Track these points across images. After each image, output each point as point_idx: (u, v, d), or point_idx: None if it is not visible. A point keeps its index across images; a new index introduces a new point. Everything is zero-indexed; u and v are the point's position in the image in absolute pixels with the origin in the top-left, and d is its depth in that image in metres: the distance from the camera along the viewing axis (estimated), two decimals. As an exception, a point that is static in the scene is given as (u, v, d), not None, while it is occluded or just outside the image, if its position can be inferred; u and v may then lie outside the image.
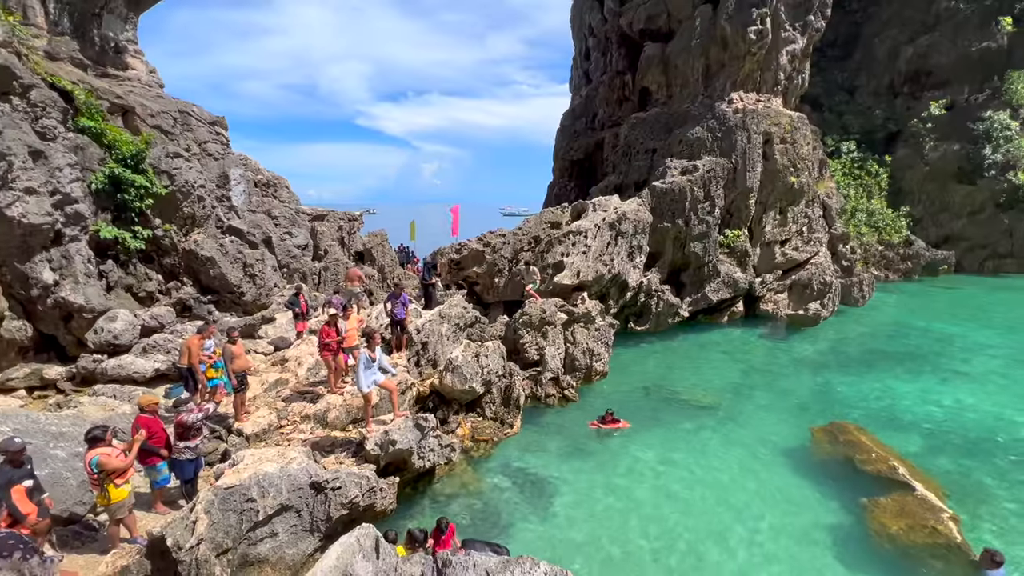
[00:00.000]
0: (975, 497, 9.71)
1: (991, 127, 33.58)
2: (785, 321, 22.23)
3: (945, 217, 36.09)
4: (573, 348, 14.99)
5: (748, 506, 9.47)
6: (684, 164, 21.74)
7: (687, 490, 10.00)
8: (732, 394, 14.79)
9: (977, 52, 34.81)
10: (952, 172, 35.09)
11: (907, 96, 38.30)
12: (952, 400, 14.24)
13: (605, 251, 17.53)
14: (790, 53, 23.98)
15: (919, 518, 8.25)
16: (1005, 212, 34.41)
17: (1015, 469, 10.72)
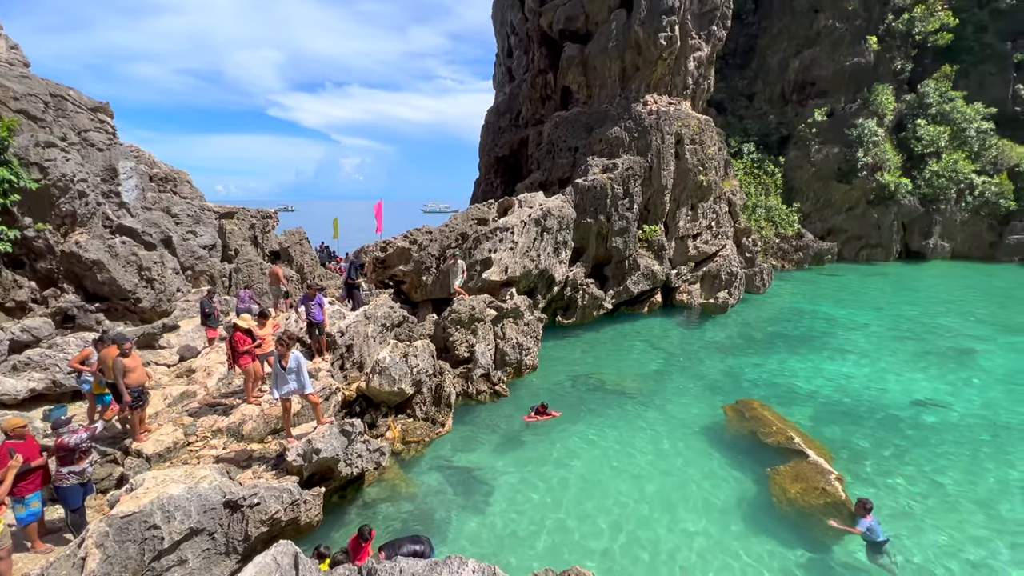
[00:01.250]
0: (854, 457, 11.05)
1: (862, 133, 38.22)
2: (698, 310, 23.89)
3: (828, 212, 40.58)
4: (503, 343, 15.12)
5: (671, 483, 10.09)
6: (604, 162, 22.62)
7: (616, 473, 10.46)
8: (653, 379, 15.66)
9: (850, 66, 39.41)
10: (833, 172, 39.52)
11: (796, 104, 42.52)
12: (837, 374, 16.09)
13: (532, 247, 17.83)
14: (697, 60, 25.71)
15: (812, 481, 9.24)
16: (874, 207, 39.37)
17: (883, 429, 12.33)
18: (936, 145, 39.09)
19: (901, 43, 39.60)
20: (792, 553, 8.16)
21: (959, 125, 39.14)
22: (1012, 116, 40.36)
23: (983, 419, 12.90)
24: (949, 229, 40.20)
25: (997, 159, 39.38)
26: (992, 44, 40.41)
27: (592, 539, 8.50)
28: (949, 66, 40.43)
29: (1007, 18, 40.46)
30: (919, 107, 40.03)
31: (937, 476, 10.37)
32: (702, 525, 8.85)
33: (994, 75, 40.35)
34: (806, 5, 40.93)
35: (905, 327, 21.39)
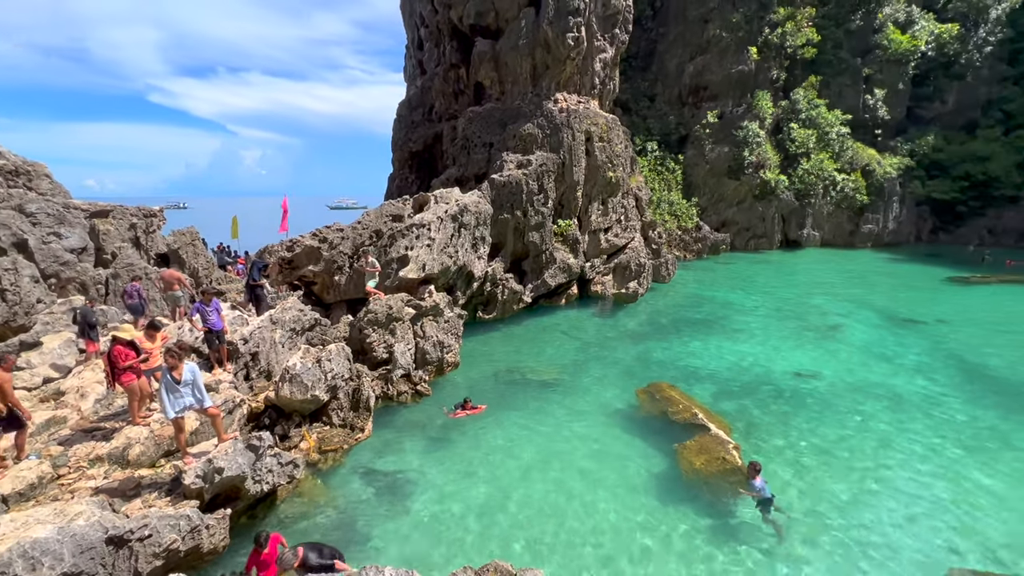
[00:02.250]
0: (748, 427, 12.27)
1: (747, 134, 42.32)
2: (612, 300, 25.14)
3: (722, 206, 44.50)
4: (423, 342, 14.85)
5: (590, 467, 10.54)
6: (519, 158, 22.95)
7: (539, 462, 10.71)
8: (572, 368, 16.24)
9: (735, 73, 43.39)
10: (724, 170, 43.38)
11: (691, 106, 46.02)
12: (733, 353, 17.74)
13: (449, 243, 17.67)
14: (602, 61, 26.88)
15: (714, 452, 10.14)
16: (759, 202, 43.83)
17: (770, 399, 13.83)
18: (806, 146, 44.30)
19: (776, 54, 44.29)
20: (699, 517, 8.90)
21: (823, 129, 44.66)
22: (863, 122, 46.85)
23: (847, 384, 14.91)
24: (818, 220, 45.82)
25: (853, 159, 45.52)
26: (846, 59, 46.53)
27: (518, 528, 8.65)
28: (814, 77, 45.92)
29: (856, 37, 46.79)
30: (792, 112, 45.08)
31: (812, 436, 11.82)
32: (620, 503, 9.35)
33: (849, 86, 46.52)
34: (697, 16, 44.33)
35: (786, 308, 24.09)
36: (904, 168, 47.14)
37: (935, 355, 17.40)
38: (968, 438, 11.78)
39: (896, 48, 45.88)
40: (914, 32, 46.56)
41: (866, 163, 45.67)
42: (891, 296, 26.71)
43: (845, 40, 46.58)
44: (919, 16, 47.46)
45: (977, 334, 19.70)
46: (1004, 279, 30.27)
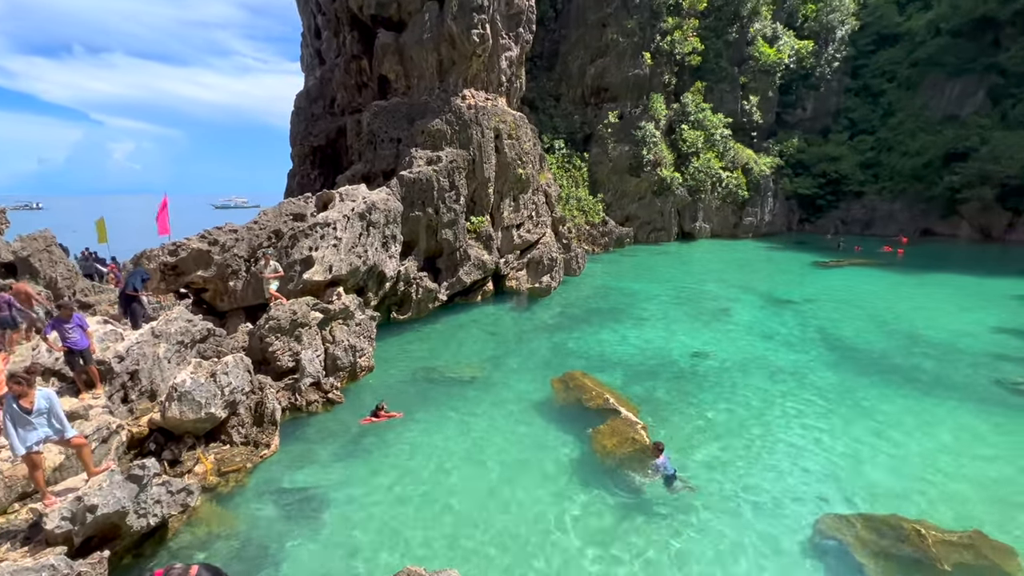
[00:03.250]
0: (654, 406, 13.18)
1: (645, 134, 45.26)
2: (526, 294, 25.67)
3: (625, 201, 47.20)
4: (333, 347, 14.11)
5: (510, 460, 10.69)
6: (429, 155, 22.57)
7: (459, 461, 10.66)
8: (490, 364, 16.35)
9: (632, 76, 46.14)
10: (626, 167, 46.03)
11: (594, 106, 48.19)
12: (639, 339, 18.93)
13: (358, 242, 16.93)
14: (508, 59, 27.23)
15: (624, 434, 10.75)
16: (657, 197, 47.10)
17: (673, 379, 14.97)
18: (696, 146, 48.35)
19: (667, 60, 47.77)
20: (612, 497, 9.40)
21: (709, 131, 49.02)
22: (741, 125, 52.12)
23: (736, 360, 16.56)
24: (708, 214, 50.27)
25: (735, 158, 50.51)
26: (726, 68, 51.43)
27: (440, 530, 8.55)
28: (700, 83, 50.22)
29: (734, 48, 51.88)
30: (683, 115, 48.94)
31: (709, 409, 12.98)
32: (539, 492, 9.59)
33: (728, 92, 51.47)
34: (596, 20, 46.45)
35: (683, 295, 26.17)
36: (776, 167, 53.21)
37: (805, 330, 19.89)
38: (831, 399, 13.63)
39: (765, 60, 51.55)
40: (779, 46, 52.61)
41: (745, 162, 50.90)
42: (769, 280, 30.08)
43: (724, 50, 51.43)
44: (782, 32, 53.70)
45: (835, 310, 22.82)
46: (854, 263, 35.37)
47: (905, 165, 50.14)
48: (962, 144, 46.86)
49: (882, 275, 31.14)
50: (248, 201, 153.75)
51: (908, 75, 53.17)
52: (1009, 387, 14.24)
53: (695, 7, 48.09)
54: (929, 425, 12.14)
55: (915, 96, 52.44)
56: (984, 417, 12.49)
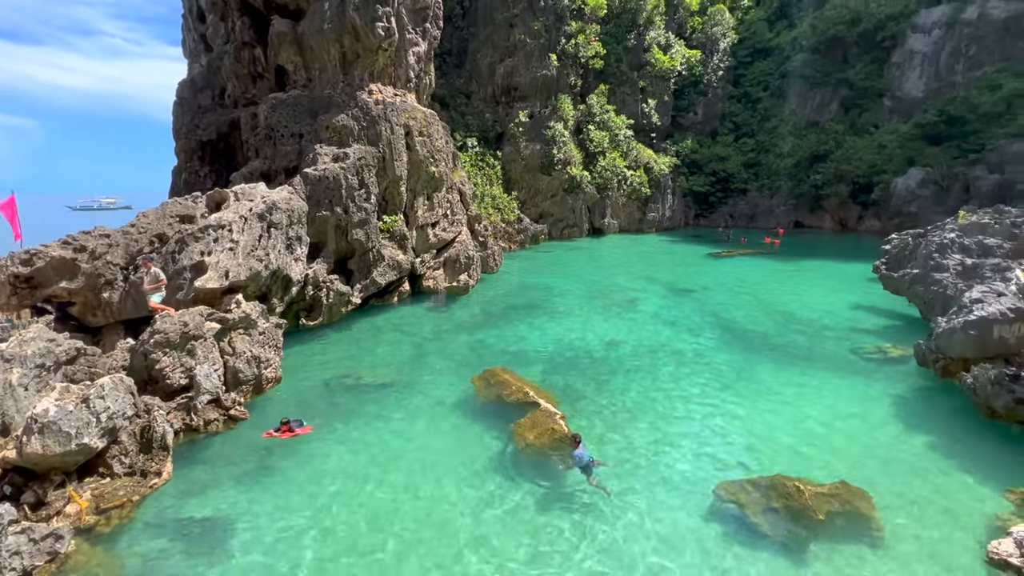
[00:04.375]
0: (572, 397, 13.69)
1: (554, 134, 46.67)
2: (444, 293, 25.42)
3: (538, 199, 48.37)
4: (234, 360, 12.99)
5: (432, 462, 10.54)
6: (335, 151, 21.50)
7: (379, 470, 10.31)
8: (409, 366, 16.00)
9: (541, 77, 47.32)
10: (538, 165, 47.17)
11: (505, 105, 48.77)
12: (555, 332, 19.52)
13: (258, 245, 15.70)
14: (416, 54, 26.68)
15: (544, 425, 11.05)
16: (569, 195, 48.83)
17: (589, 369, 15.65)
18: (602, 146, 50.77)
19: (572, 63, 49.59)
20: (535, 489, 9.63)
21: (614, 132, 51.71)
22: (642, 127, 55.58)
23: (645, 347, 17.69)
24: (615, 210, 53.05)
25: (637, 158, 53.77)
26: (626, 72, 54.52)
27: (363, 543, 8.23)
28: (604, 85, 52.77)
29: (633, 54, 55.13)
30: (589, 116, 51.13)
31: (622, 395, 13.74)
32: (463, 491, 9.57)
33: (629, 95, 54.63)
34: (503, 19, 46.99)
35: (596, 288, 27.42)
36: (673, 166, 57.43)
37: (702, 316, 21.73)
38: (727, 377, 15.03)
39: (660, 66, 55.38)
40: (672, 54, 56.78)
41: (647, 162, 54.38)
42: (671, 271, 32.45)
43: (624, 56, 54.47)
44: (675, 41, 58.03)
45: (727, 296, 25.19)
46: (742, 253, 39.26)
47: (779, 165, 56.48)
48: (822, 147, 53.80)
49: (764, 263, 34.89)
50: (120, 201, 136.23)
51: (779, 85, 59.91)
52: (863, 356, 16.64)
53: (596, 13, 50.39)
54: (804, 394, 13.83)
55: (785, 104, 59.24)
56: (846, 383, 14.48)
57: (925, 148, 47.52)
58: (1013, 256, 18.17)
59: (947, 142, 46.59)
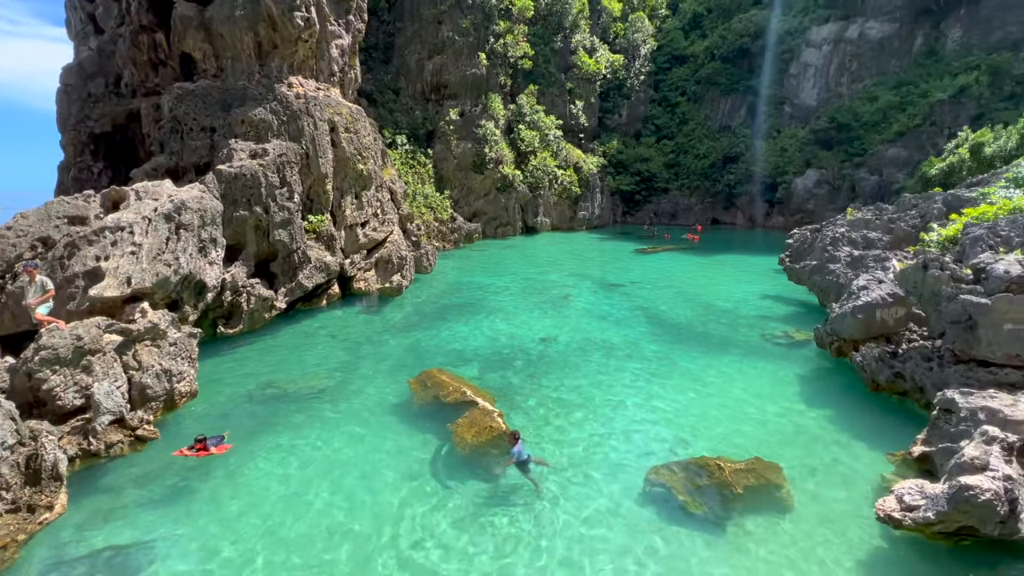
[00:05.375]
0: (509, 394, 13.82)
1: (486, 133, 46.75)
2: (377, 295, 24.69)
3: (472, 198, 48.25)
4: (140, 375, 11.82)
5: (368, 470, 10.21)
6: (253, 147, 20.17)
7: (313, 481, 9.83)
8: (341, 372, 15.38)
9: (470, 75, 47.20)
10: (470, 164, 47.04)
11: (435, 102, 48.14)
12: (491, 330, 19.60)
13: (165, 248, 14.37)
14: (339, 47, 25.63)
15: (482, 423, 11.07)
16: (502, 193, 49.15)
17: (524, 365, 15.87)
18: (533, 145, 51.55)
19: (502, 62, 49.90)
20: (475, 487, 9.63)
21: (544, 132, 52.69)
22: (571, 127, 57.11)
23: (578, 341, 18.22)
24: (547, 208, 54.12)
25: (567, 158, 55.16)
26: (554, 73, 55.73)
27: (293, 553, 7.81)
28: (533, 86, 53.59)
29: (560, 56, 56.45)
30: (519, 115, 51.71)
31: (557, 389, 14.07)
32: (401, 496, 9.37)
33: (558, 96, 55.90)
34: (431, 16, 46.32)
35: (530, 285, 27.83)
36: (601, 166, 59.54)
37: (631, 309, 22.74)
38: (655, 366, 15.85)
39: (586, 69, 57.17)
40: (597, 58, 58.78)
41: (576, 161, 55.95)
42: (601, 267, 33.65)
43: (552, 57, 55.63)
44: (599, 45, 60.10)
45: (653, 290, 26.54)
46: (666, 249, 41.53)
47: (696, 166, 60.31)
48: (733, 150, 58.15)
49: (685, 258, 37.13)
50: None
51: (694, 91, 63.92)
52: (772, 341, 18.20)
53: (524, 14, 51.03)
54: (724, 378, 14.89)
55: (700, 108, 63.34)
56: (758, 366, 15.77)
57: (819, 152, 52.82)
58: (891, 247, 20.67)
59: (837, 147, 52.08)
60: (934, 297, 12.70)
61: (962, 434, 9.04)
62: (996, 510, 7.31)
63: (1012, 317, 10.77)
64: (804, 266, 22.52)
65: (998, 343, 10.94)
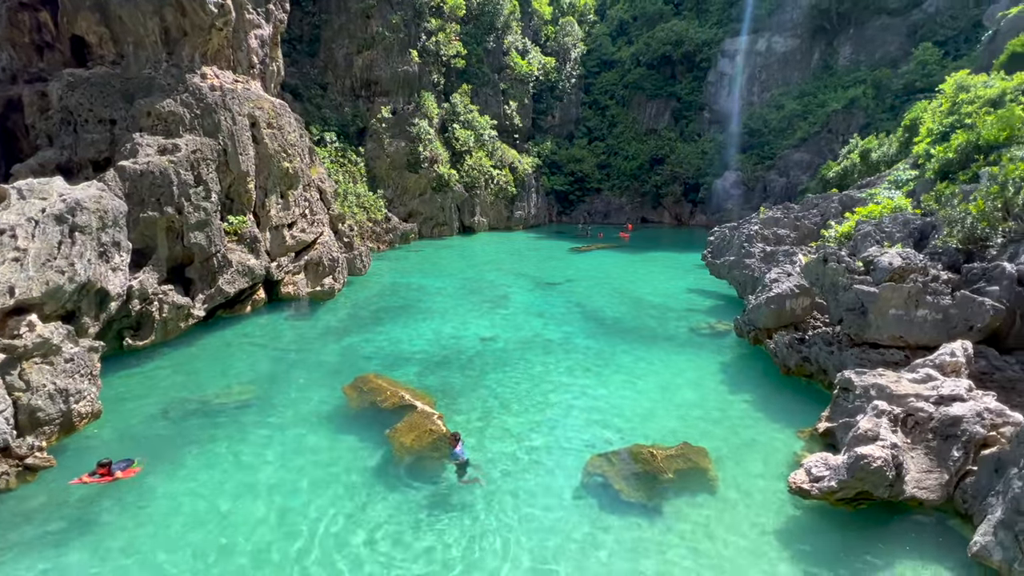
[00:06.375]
0: (449, 395, 13.70)
1: (419, 131, 45.97)
2: (307, 299, 23.56)
3: (407, 197, 47.27)
4: (29, 396, 10.50)
5: (301, 483, 9.73)
6: (162, 142, 18.56)
7: (241, 500, 9.21)
8: (269, 381, 14.53)
9: (402, 73, 46.20)
10: (404, 163, 46.05)
11: (366, 99, 46.64)
12: (430, 332, 19.32)
13: (57, 253, 12.84)
14: (259, 38, 24.16)
15: (422, 427, 10.90)
16: (437, 193, 48.56)
17: (464, 367, 15.81)
18: (468, 145, 51.37)
19: (434, 60, 49.27)
20: (415, 492, 9.46)
21: (478, 131, 52.65)
22: (505, 127, 57.50)
23: (517, 340, 18.40)
24: (484, 208, 54.17)
25: (502, 158, 55.49)
26: (488, 73, 55.85)
27: (218, 585, 7.29)
28: (466, 85, 53.39)
29: (493, 56, 56.66)
30: (453, 115, 51.31)
31: (497, 388, 14.15)
32: (339, 508, 9.02)
33: (492, 96, 56.09)
34: (359, 9, 44.80)
35: (468, 285, 27.74)
36: (536, 166, 60.46)
37: (568, 307, 23.30)
38: (591, 361, 16.35)
39: (519, 70, 57.81)
40: (529, 59, 59.60)
41: (511, 161, 56.42)
42: (538, 266, 34.20)
43: (485, 57, 55.72)
44: (531, 47, 60.97)
45: (588, 287, 27.35)
46: (600, 247, 42.94)
47: (626, 167, 62.84)
48: (660, 152, 61.21)
49: (618, 256, 38.61)
50: None
51: (623, 95, 66.55)
52: (698, 332, 19.37)
53: (456, 12, 50.69)
54: (655, 369, 15.65)
55: (628, 112, 66.06)
56: (685, 356, 16.72)
57: (736, 155, 56.83)
58: (798, 243, 22.66)
59: (750, 151, 56.31)
60: (833, 287, 14.08)
61: (858, 409, 10.10)
62: (886, 475, 8.23)
63: (895, 303, 12.18)
64: (724, 262, 24.16)
65: (884, 326, 12.32)
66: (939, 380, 10.04)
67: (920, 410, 9.42)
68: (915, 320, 12.00)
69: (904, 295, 12.07)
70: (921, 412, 9.39)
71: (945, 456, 8.82)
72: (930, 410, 9.36)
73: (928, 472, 8.78)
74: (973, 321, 11.46)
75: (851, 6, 52.22)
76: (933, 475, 8.72)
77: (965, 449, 8.69)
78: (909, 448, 9.10)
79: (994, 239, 13.87)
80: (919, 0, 50.03)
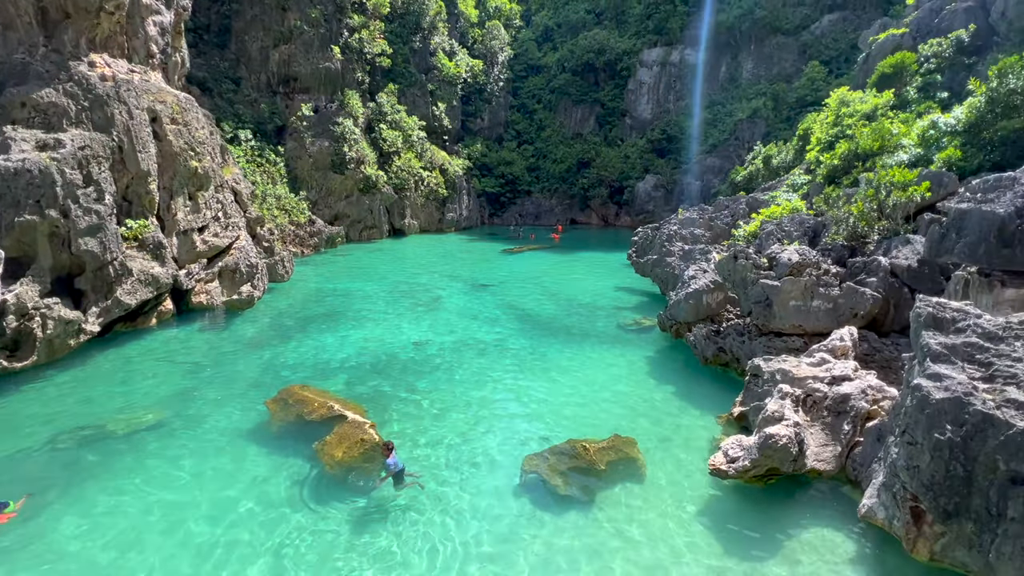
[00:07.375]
0: (382, 403, 13.31)
1: (344, 131, 44.29)
2: (223, 308, 21.90)
3: (332, 199, 45.33)
4: None
5: (220, 509, 9.03)
6: (40, 136, 16.45)
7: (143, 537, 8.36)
8: (180, 401, 13.33)
9: (323, 69, 44.28)
10: (328, 164, 44.15)
11: (284, 95, 44.19)
12: (359, 338, 18.66)
13: (-94, 265, 10.99)
14: (159, 25, 22.11)
15: (353, 438, 10.50)
16: (365, 195, 47.01)
17: (397, 373, 15.44)
18: (396, 146, 50.23)
19: (358, 58, 47.69)
20: (345, 507, 9.10)
21: (407, 132, 51.66)
22: (434, 129, 56.87)
23: (451, 343, 18.25)
24: (415, 210, 53.22)
25: (432, 159, 54.82)
26: (415, 74, 54.96)
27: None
28: (393, 85, 52.19)
29: (420, 56, 55.85)
30: (380, 114, 49.96)
31: (432, 393, 13.95)
32: (265, 532, 8.46)
33: (420, 97, 55.25)
34: (273, 1, 42.36)
35: (399, 289, 27.12)
36: (467, 168, 60.33)
37: (501, 308, 23.46)
38: (524, 361, 16.57)
39: (447, 72, 57.43)
40: (457, 61, 59.39)
41: (442, 163, 55.90)
42: (470, 268, 34.14)
43: (411, 57, 54.78)
44: (459, 49, 60.79)
45: (520, 288, 27.72)
46: (531, 248, 43.65)
47: (555, 170, 64.43)
48: (586, 155, 63.39)
49: (549, 256, 39.47)
50: None
51: (549, 99, 68.21)
52: (625, 328, 20.26)
53: (379, 10, 49.41)
54: (585, 366, 16.17)
55: (555, 116, 67.80)
56: (614, 351, 17.43)
57: (655, 159, 60.16)
58: (712, 242, 24.39)
59: (668, 155, 59.84)
60: (743, 282, 15.31)
61: (766, 393, 11.05)
62: (790, 451, 9.08)
63: (794, 295, 13.47)
64: (647, 260, 25.48)
65: (786, 316, 13.59)
66: (832, 363, 11.25)
67: (817, 390, 10.49)
68: (811, 310, 13.35)
69: (801, 287, 13.39)
70: (818, 392, 10.46)
71: (838, 430, 9.89)
72: (825, 390, 10.44)
73: (824, 446, 9.80)
74: (857, 309, 12.95)
75: (751, 25, 57.15)
76: (829, 448, 9.75)
77: (853, 423, 9.80)
78: (809, 425, 10.10)
79: (872, 236, 15.78)
80: (808, 23, 55.72)
